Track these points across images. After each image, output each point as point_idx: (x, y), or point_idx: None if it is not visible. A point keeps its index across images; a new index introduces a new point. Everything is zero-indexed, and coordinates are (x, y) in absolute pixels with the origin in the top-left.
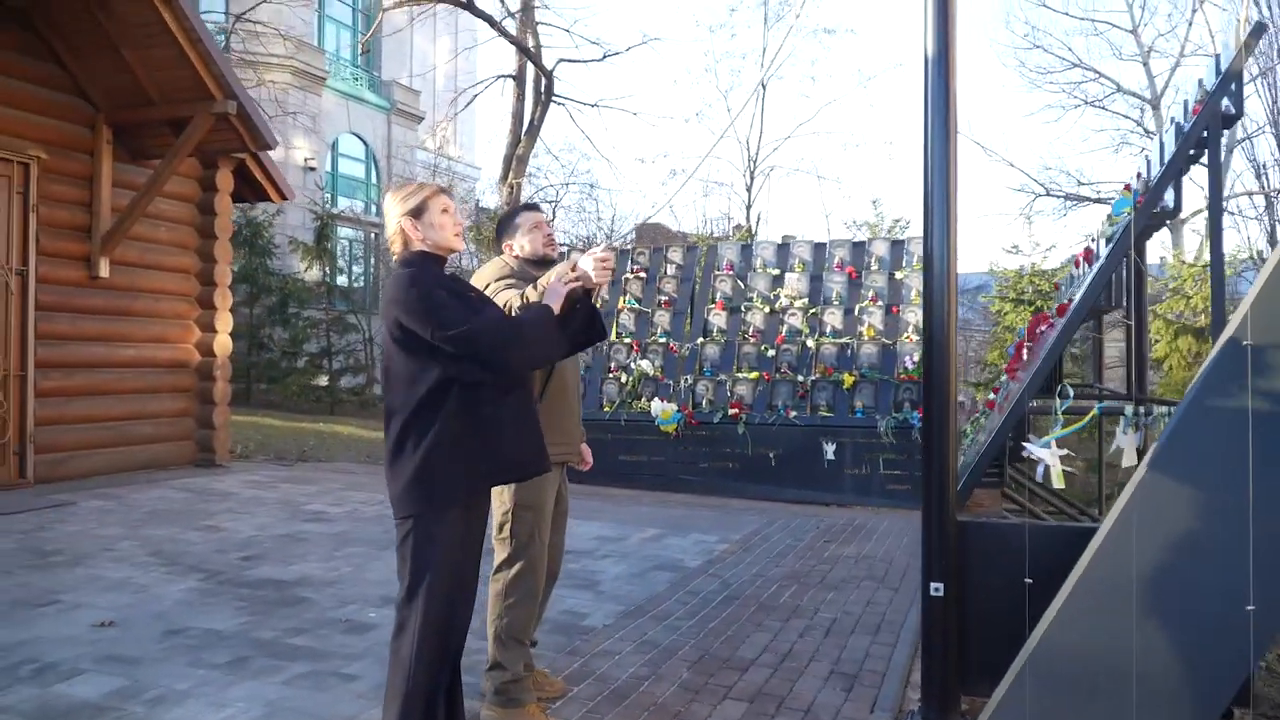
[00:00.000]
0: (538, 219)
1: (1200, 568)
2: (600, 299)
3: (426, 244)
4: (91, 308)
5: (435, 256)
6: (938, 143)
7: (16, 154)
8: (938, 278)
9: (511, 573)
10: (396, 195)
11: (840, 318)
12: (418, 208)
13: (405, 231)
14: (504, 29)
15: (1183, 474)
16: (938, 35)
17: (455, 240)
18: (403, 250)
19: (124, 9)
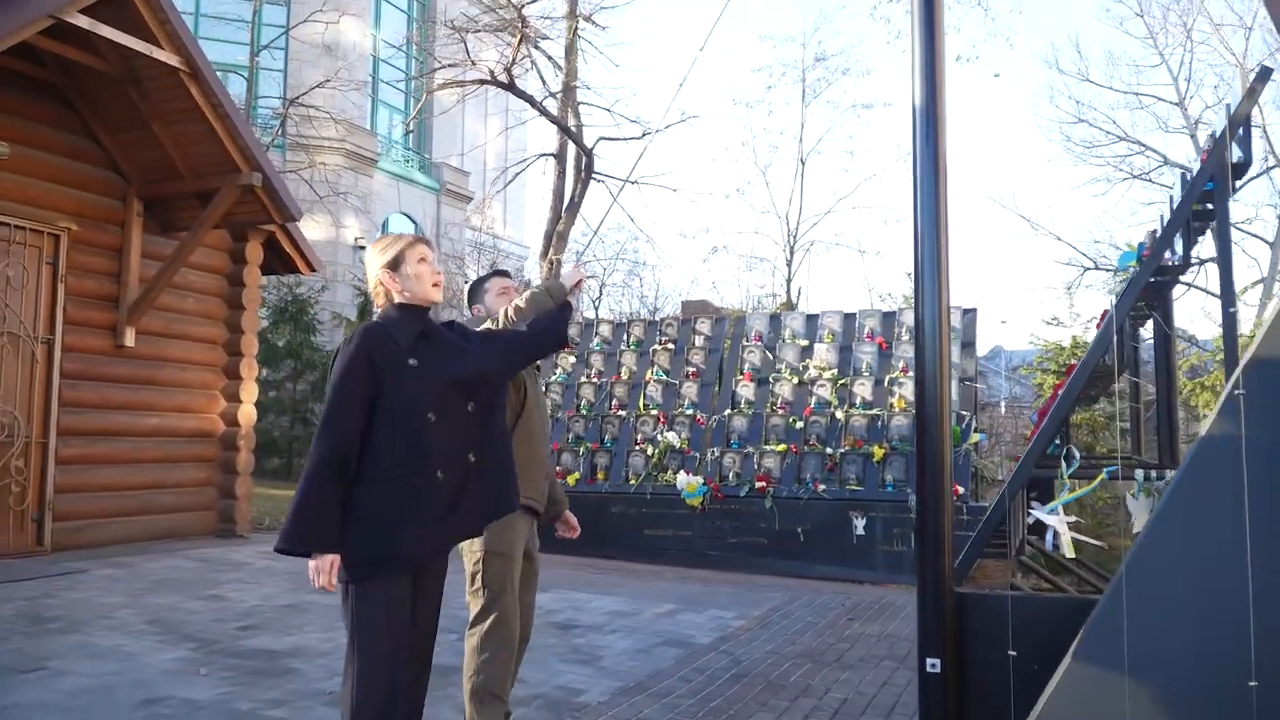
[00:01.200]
0: (505, 284)
1: (1199, 641)
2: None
3: (405, 295)
4: (116, 376)
5: (413, 309)
6: (927, 213)
7: (48, 225)
8: (929, 344)
9: (486, 625)
10: (376, 247)
11: (870, 389)
12: (395, 259)
13: (384, 284)
14: (545, 109)
15: (1180, 540)
16: (925, 88)
17: (433, 291)
18: (384, 304)
19: (156, 86)
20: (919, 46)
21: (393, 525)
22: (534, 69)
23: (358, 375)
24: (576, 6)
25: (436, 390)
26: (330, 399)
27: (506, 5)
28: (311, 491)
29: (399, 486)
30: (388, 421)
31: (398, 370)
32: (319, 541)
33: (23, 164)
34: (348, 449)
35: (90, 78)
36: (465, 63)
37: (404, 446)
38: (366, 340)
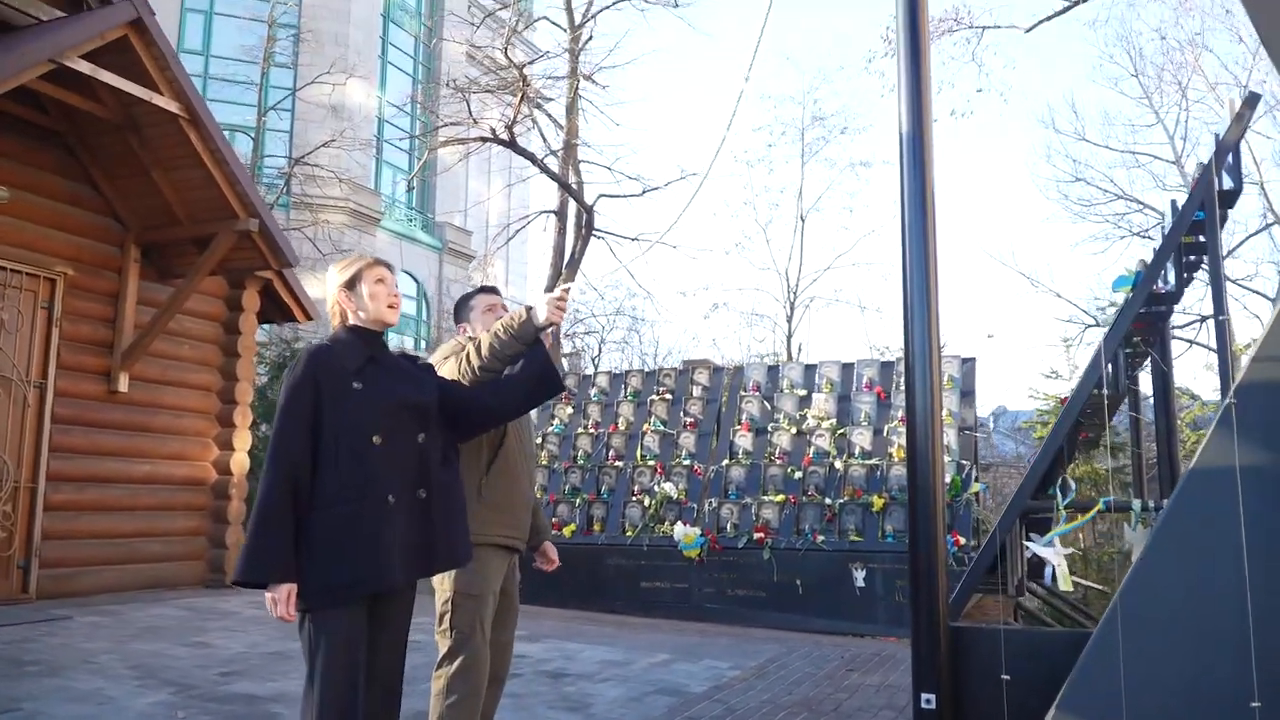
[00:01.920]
0: (492, 301)
1: (1198, 663)
2: (566, 366)
3: (360, 316)
4: (108, 422)
5: (367, 331)
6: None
7: (44, 270)
8: (919, 381)
9: (453, 668)
10: (336, 267)
11: (869, 438)
12: (351, 279)
13: (340, 303)
14: (546, 166)
15: (1176, 562)
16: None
17: (388, 313)
18: (339, 325)
19: (155, 133)
20: (905, 74)
21: (345, 552)
22: (535, 127)
23: (303, 399)
24: (578, 66)
25: (382, 414)
26: (277, 424)
27: (508, 66)
28: (264, 521)
29: (348, 511)
30: (332, 446)
31: (342, 393)
32: (273, 571)
33: (22, 209)
34: (298, 473)
35: (91, 124)
36: (468, 121)
37: (350, 471)
38: (312, 363)
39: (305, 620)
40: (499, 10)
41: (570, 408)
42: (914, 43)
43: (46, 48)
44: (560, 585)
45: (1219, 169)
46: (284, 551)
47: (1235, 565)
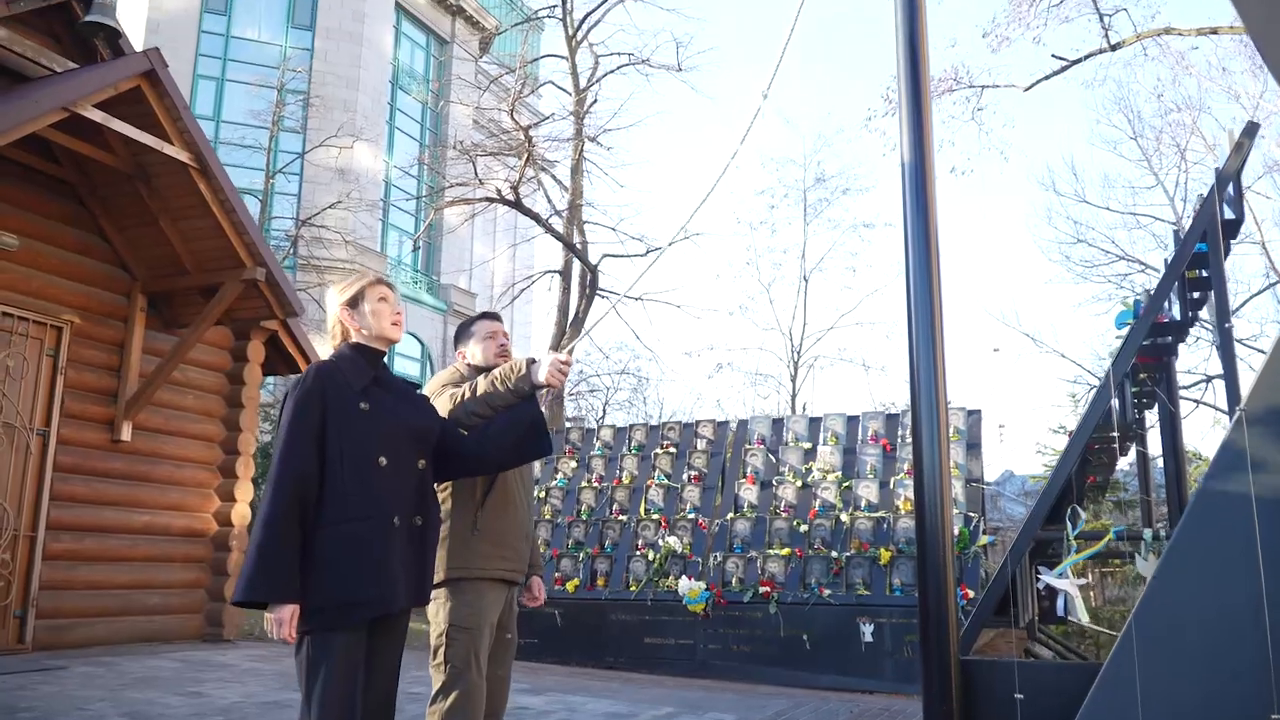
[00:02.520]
0: (493, 328)
1: (1216, 679)
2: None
3: (363, 334)
4: (110, 471)
5: (370, 350)
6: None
7: (51, 317)
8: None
9: (448, 703)
10: (337, 287)
11: (875, 491)
12: (354, 297)
13: (343, 322)
14: (551, 226)
15: (1190, 582)
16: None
17: (392, 330)
18: (340, 343)
19: (165, 182)
20: (906, 133)
21: (352, 572)
22: (540, 189)
23: (310, 414)
24: (582, 129)
25: (387, 437)
26: (284, 440)
27: (515, 130)
28: (269, 538)
29: (357, 531)
30: (338, 465)
31: (349, 412)
32: (278, 591)
33: (31, 257)
34: (305, 491)
35: (102, 173)
36: (474, 182)
37: (356, 491)
38: (319, 379)
39: (304, 642)
40: (506, 75)
41: (574, 461)
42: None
43: (60, 96)
44: (563, 640)
45: (1220, 199)
46: (290, 569)
47: (1250, 579)
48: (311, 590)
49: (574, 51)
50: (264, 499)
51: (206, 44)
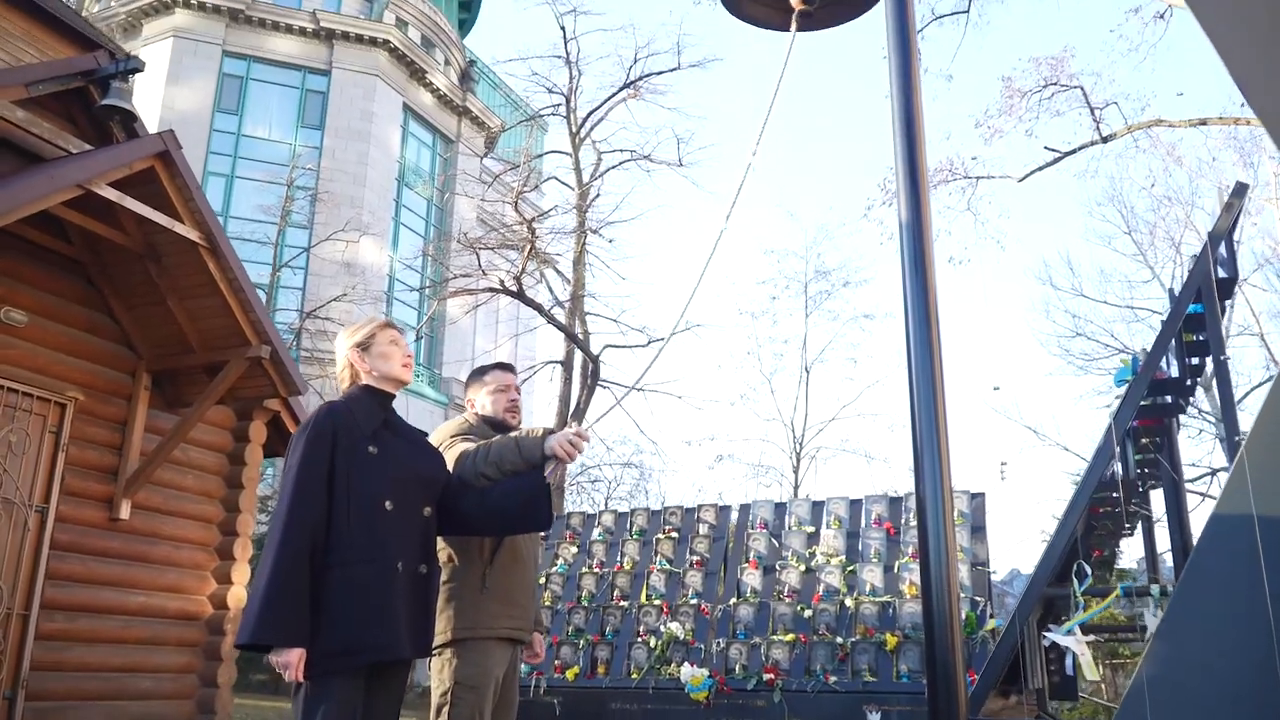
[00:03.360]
0: (506, 381)
1: (1231, 716)
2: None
3: (373, 375)
4: (107, 550)
5: (380, 392)
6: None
7: (55, 394)
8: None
9: None
10: (347, 331)
11: (880, 575)
12: (365, 340)
13: (353, 364)
14: (553, 317)
15: (1199, 623)
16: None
17: (403, 371)
18: (349, 386)
19: (176, 262)
20: (906, 223)
21: (351, 616)
22: (543, 280)
23: (320, 454)
24: (585, 221)
25: (394, 481)
26: (293, 481)
27: (519, 223)
28: (279, 578)
29: (356, 574)
30: (344, 507)
31: (357, 454)
32: (286, 634)
33: (38, 333)
34: (315, 532)
35: (112, 252)
36: (477, 273)
37: (360, 534)
38: (329, 420)
39: (301, 688)
40: (511, 169)
41: (575, 547)
42: (914, 188)
43: (76, 174)
44: None
45: (1213, 257)
46: (299, 612)
47: (1259, 615)
48: (314, 634)
49: (577, 148)
50: (271, 538)
51: (218, 142)
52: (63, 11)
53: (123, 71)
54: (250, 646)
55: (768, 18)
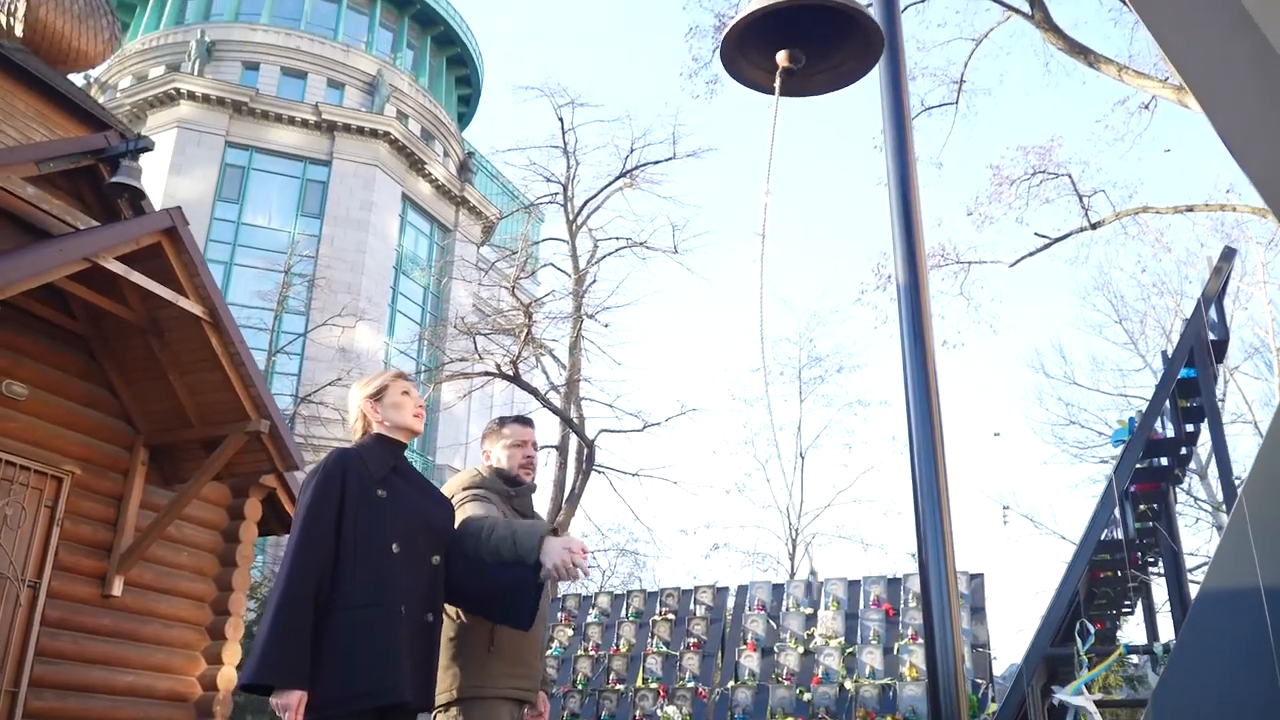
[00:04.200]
0: (525, 436)
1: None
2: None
3: (385, 425)
4: (99, 628)
5: (392, 440)
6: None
7: (52, 468)
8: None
9: None
10: (359, 383)
11: (879, 657)
12: (378, 391)
13: (365, 415)
14: (549, 401)
15: (1207, 654)
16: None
17: (415, 421)
18: (362, 435)
19: (178, 336)
20: (904, 309)
21: (354, 661)
22: (539, 365)
23: (330, 498)
24: (581, 307)
25: (403, 526)
26: (302, 523)
27: (515, 308)
28: (284, 621)
29: (360, 617)
30: (351, 550)
31: (367, 499)
32: (290, 676)
33: (37, 407)
34: (320, 575)
35: (115, 327)
36: (473, 357)
37: (365, 577)
38: (340, 465)
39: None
40: (506, 257)
41: (570, 629)
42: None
43: (83, 248)
44: None
45: (1205, 318)
46: (302, 655)
47: (1263, 652)
48: (316, 677)
49: (574, 235)
50: (279, 579)
51: (218, 230)
52: (74, 92)
53: (133, 150)
54: (251, 688)
55: (765, 81)
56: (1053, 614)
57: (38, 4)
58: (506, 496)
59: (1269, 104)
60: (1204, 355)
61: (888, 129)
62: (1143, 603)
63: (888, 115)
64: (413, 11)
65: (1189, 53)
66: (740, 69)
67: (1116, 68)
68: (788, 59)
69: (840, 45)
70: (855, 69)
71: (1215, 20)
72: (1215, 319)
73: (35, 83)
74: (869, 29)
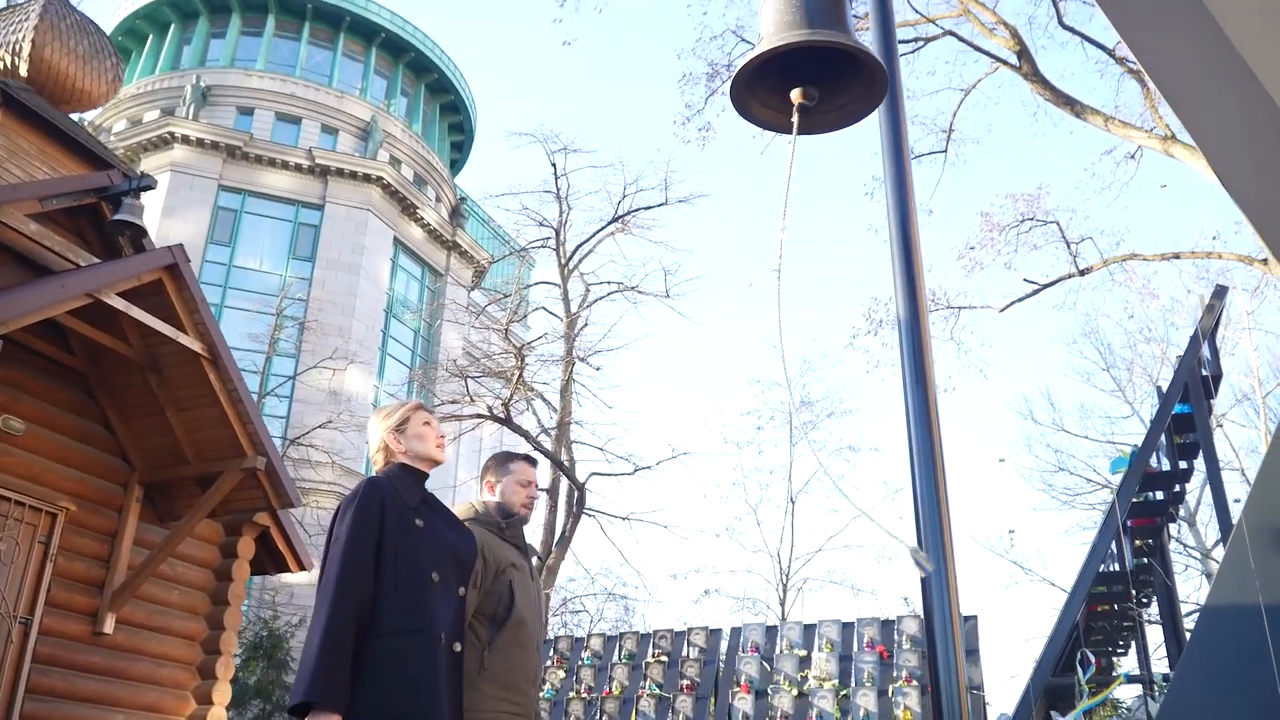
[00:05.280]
0: (530, 475)
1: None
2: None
3: (408, 456)
4: (89, 666)
5: (414, 471)
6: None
7: (47, 504)
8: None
9: None
10: (380, 414)
11: (874, 700)
12: (400, 422)
13: (388, 445)
14: (540, 444)
15: (1199, 701)
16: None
17: (437, 451)
18: (384, 465)
19: (176, 373)
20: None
21: (394, 687)
22: (530, 409)
23: (370, 523)
24: (573, 350)
25: (440, 556)
26: (344, 548)
27: (505, 352)
28: (332, 642)
29: (400, 644)
30: (390, 577)
31: (406, 527)
32: (333, 698)
33: (33, 442)
34: (364, 600)
35: (114, 363)
36: (464, 400)
37: (407, 604)
38: (378, 491)
39: None
40: (498, 301)
41: (562, 671)
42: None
43: (86, 284)
44: None
45: (1198, 355)
46: (345, 677)
47: (1266, 674)
48: (356, 701)
49: (566, 279)
50: (322, 604)
51: (209, 272)
52: (77, 131)
53: (136, 189)
54: (301, 708)
55: (774, 120)
56: (1053, 645)
57: (43, 44)
58: (498, 529)
59: (1265, 146)
60: (1199, 389)
61: (888, 166)
62: (1137, 642)
63: (887, 152)
64: (407, 59)
65: (1187, 98)
66: (750, 109)
67: (1103, 118)
68: (803, 95)
69: (845, 86)
70: (859, 109)
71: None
72: (1209, 355)
73: (39, 121)
74: (874, 69)
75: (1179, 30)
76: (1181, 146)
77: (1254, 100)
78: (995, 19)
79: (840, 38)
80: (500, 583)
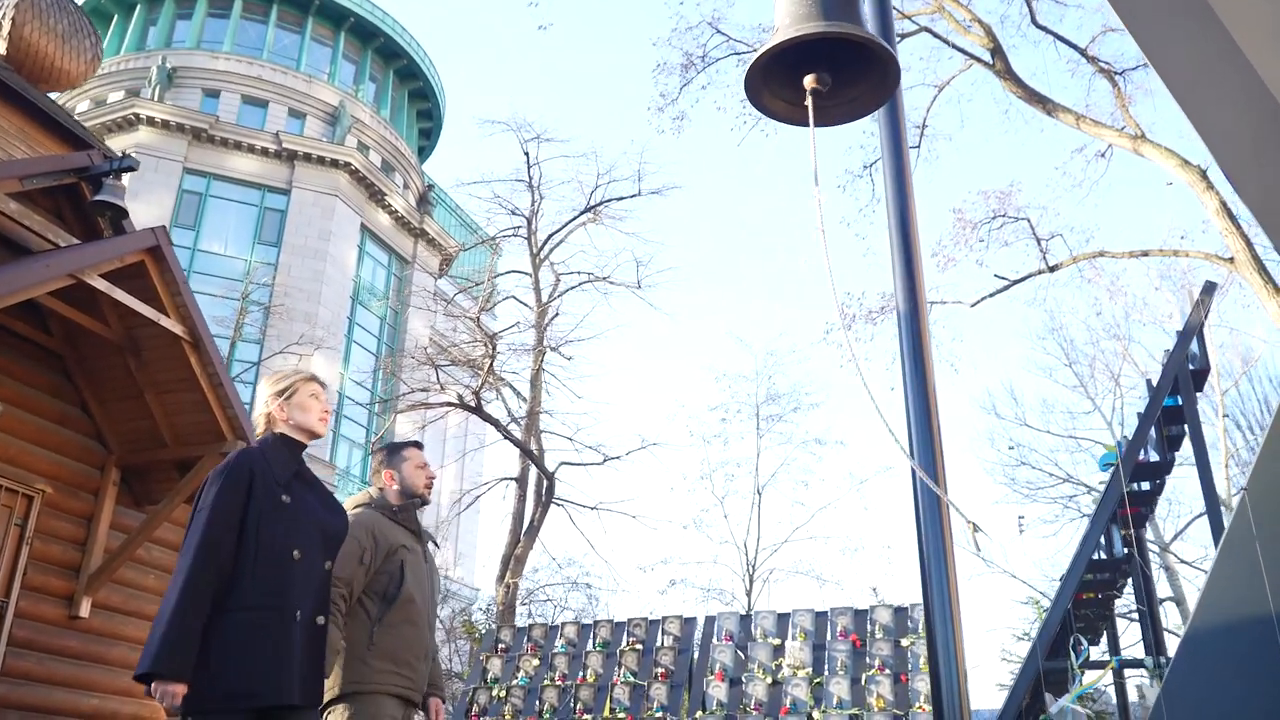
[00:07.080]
0: (423, 461)
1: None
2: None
3: (289, 424)
4: (65, 649)
5: (293, 441)
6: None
7: (24, 485)
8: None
9: None
10: (269, 379)
11: (847, 688)
12: (287, 389)
13: (271, 413)
14: (509, 433)
15: (1211, 655)
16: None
17: (319, 425)
18: (264, 432)
19: (156, 356)
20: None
21: (242, 660)
22: (499, 397)
23: (236, 496)
24: (543, 339)
25: (303, 532)
26: (207, 518)
27: (476, 340)
28: (183, 614)
29: (254, 619)
30: (252, 551)
31: (271, 503)
32: (183, 668)
33: (10, 424)
34: (222, 573)
35: (92, 345)
36: (434, 387)
37: (265, 580)
38: (246, 464)
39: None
40: (471, 287)
41: (536, 659)
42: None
43: (68, 264)
44: None
45: (1185, 349)
46: (191, 649)
47: (1270, 644)
48: (203, 673)
49: (537, 268)
50: (178, 573)
51: None
52: (56, 111)
53: (117, 169)
54: (147, 677)
55: (786, 112)
56: (1047, 629)
57: (22, 22)
58: (391, 513)
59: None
60: (1188, 384)
61: (887, 164)
62: (1108, 633)
63: (887, 148)
64: (376, 45)
65: (1188, 85)
66: (763, 100)
67: (1074, 116)
68: (815, 81)
69: (856, 79)
70: (870, 101)
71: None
72: (1196, 350)
73: (18, 100)
74: (887, 61)
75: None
76: (1151, 145)
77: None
78: (970, 16)
79: (856, 29)
80: (391, 563)
